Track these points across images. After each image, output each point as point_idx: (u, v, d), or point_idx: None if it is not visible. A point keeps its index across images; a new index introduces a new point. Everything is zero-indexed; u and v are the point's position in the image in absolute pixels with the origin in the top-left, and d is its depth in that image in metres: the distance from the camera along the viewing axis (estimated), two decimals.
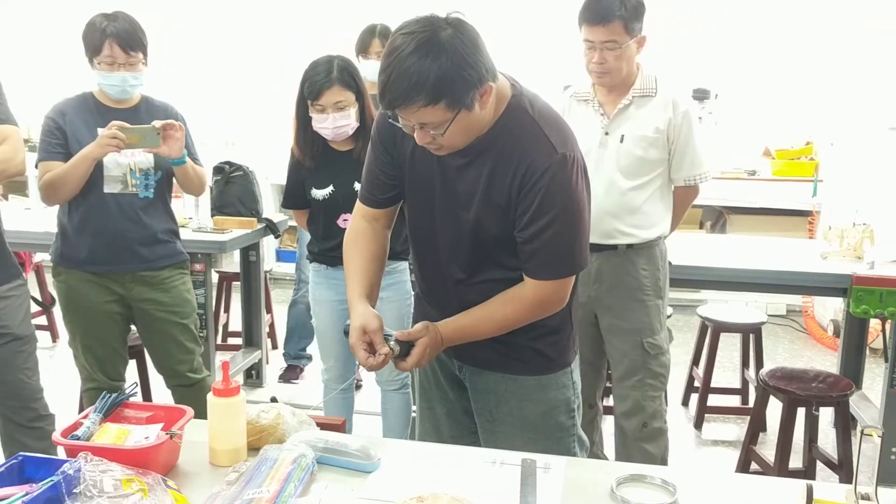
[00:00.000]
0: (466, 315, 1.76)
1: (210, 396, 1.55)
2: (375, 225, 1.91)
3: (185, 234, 3.51)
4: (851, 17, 5.34)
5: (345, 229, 2.86)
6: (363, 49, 3.78)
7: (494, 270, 1.77)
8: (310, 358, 4.37)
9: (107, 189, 2.70)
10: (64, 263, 2.79)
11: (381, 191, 1.86)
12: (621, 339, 2.76)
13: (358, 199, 1.92)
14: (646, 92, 2.64)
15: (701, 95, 5.77)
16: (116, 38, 2.59)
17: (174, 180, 2.87)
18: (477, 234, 1.73)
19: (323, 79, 2.70)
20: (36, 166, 2.71)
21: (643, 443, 2.78)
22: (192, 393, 2.93)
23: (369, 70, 3.51)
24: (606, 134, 2.66)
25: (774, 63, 5.78)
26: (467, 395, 1.94)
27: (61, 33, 6.34)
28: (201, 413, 1.64)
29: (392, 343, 1.72)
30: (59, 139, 2.67)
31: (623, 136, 2.64)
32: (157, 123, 2.61)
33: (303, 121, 2.81)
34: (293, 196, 2.98)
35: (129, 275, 2.80)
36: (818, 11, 5.64)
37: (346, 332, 1.80)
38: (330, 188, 2.87)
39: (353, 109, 2.75)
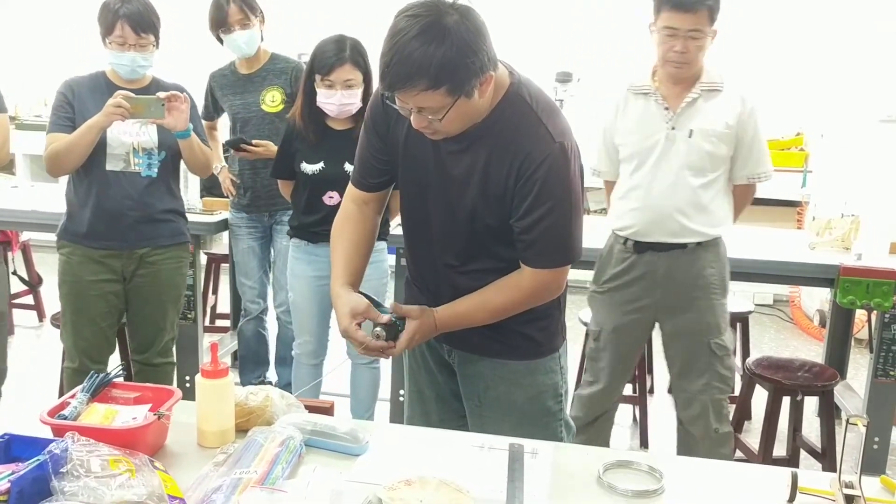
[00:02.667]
0: (462, 302, 1.76)
1: (199, 378, 1.55)
2: (365, 209, 1.90)
3: None
4: (843, 9, 5.35)
5: (329, 206, 2.94)
6: (221, 23, 3.38)
7: (487, 261, 1.77)
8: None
9: (109, 167, 2.75)
10: (66, 238, 2.84)
11: (372, 175, 1.85)
12: (687, 341, 2.65)
13: (350, 182, 1.92)
14: (713, 86, 2.55)
15: None
16: (128, 20, 2.65)
17: (181, 162, 2.89)
18: (472, 223, 1.72)
19: (335, 56, 2.76)
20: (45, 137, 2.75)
21: (717, 447, 2.67)
22: (151, 375, 2.95)
23: (235, 44, 3.38)
24: (673, 129, 2.56)
25: (766, 53, 5.78)
26: (456, 378, 1.95)
27: (76, 14, 6.32)
28: None
29: (377, 330, 1.73)
30: (69, 112, 2.73)
31: (692, 130, 2.54)
32: (162, 94, 2.65)
33: (308, 95, 2.84)
34: (281, 166, 3.04)
35: (126, 252, 2.82)
36: (810, 2, 5.64)
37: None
38: (321, 164, 2.90)
39: (360, 90, 2.79)
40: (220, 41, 3.48)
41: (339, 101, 2.78)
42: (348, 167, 2.87)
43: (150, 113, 2.64)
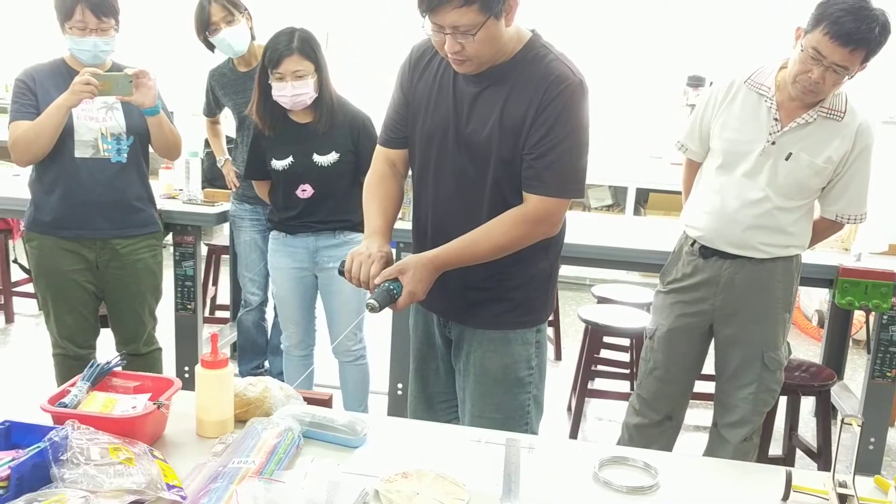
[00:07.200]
0: (462, 238, 1.80)
1: (198, 368, 1.55)
2: (394, 170, 2.00)
3: (175, 205, 3.52)
4: None
5: (304, 199, 2.96)
6: (206, 24, 3.37)
7: (495, 207, 1.82)
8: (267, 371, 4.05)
9: (77, 154, 2.70)
10: (35, 229, 2.80)
11: (395, 131, 1.97)
12: (741, 351, 2.55)
13: (377, 144, 2.02)
14: (833, 114, 2.35)
15: (695, 83, 5.77)
16: (88, 4, 2.58)
17: (150, 147, 2.87)
18: (487, 161, 1.79)
19: (283, 48, 2.78)
20: (8, 127, 2.69)
21: (745, 455, 2.58)
22: (140, 364, 2.94)
23: (224, 43, 3.36)
24: (773, 144, 2.37)
25: (767, 52, 5.78)
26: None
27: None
28: None
29: (371, 301, 1.72)
30: (31, 100, 2.67)
31: (791, 154, 2.36)
32: (129, 71, 2.62)
33: (263, 90, 2.89)
34: (254, 167, 3.06)
35: (99, 241, 2.80)
36: (810, 3, 5.63)
37: (340, 272, 1.83)
38: (289, 159, 2.93)
39: (312, 80, 2.81)
40: (210, 47, 3.45)
41: (290, 92, 2.79)
42: (317, 158, 2.90)
43: (118, 90, 2.59)
